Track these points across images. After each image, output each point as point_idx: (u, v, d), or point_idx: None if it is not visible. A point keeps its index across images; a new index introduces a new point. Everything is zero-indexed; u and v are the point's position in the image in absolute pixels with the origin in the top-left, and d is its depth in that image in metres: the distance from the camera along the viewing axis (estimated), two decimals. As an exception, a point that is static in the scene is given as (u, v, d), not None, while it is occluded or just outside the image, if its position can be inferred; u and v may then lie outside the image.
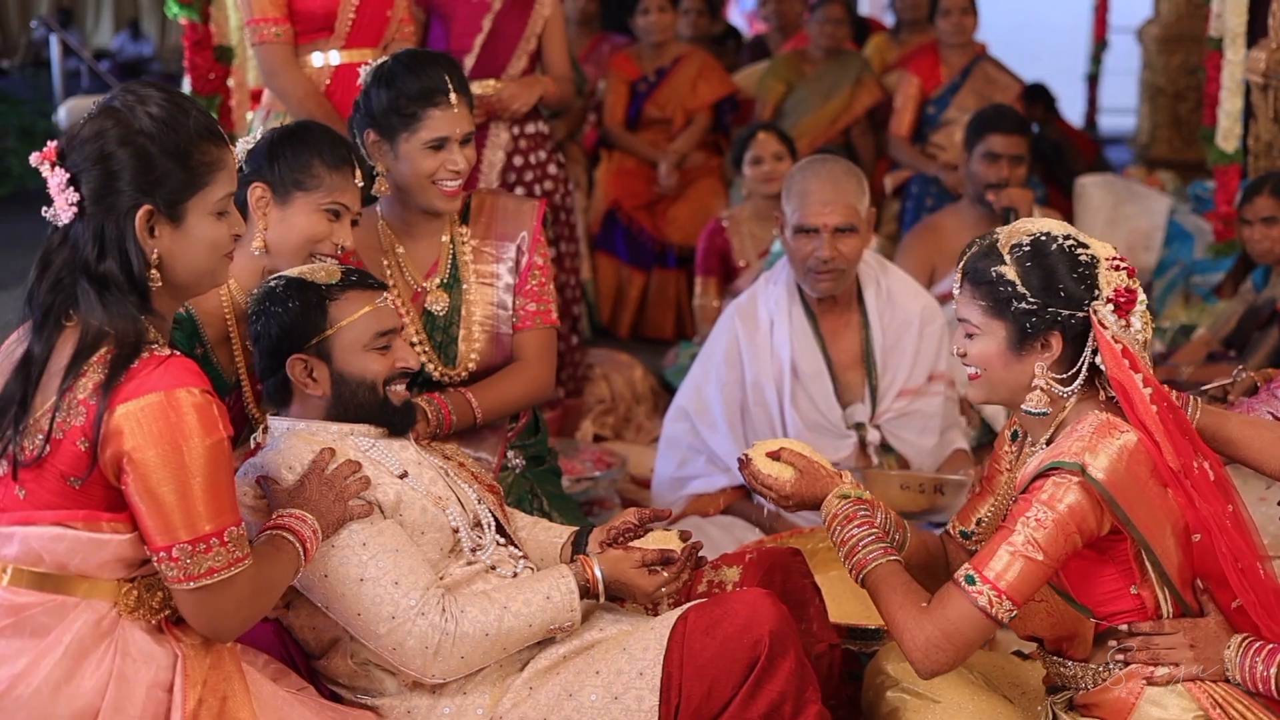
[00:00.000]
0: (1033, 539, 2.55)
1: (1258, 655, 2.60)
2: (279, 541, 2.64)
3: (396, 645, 2.74)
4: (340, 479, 2.78)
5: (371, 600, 2.74)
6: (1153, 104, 10.32)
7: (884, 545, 2.75)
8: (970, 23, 7.23)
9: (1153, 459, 2.59)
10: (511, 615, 2.80)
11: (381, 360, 2.93)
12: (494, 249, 3.69)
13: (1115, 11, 11.81)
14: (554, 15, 5.41)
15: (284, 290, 2.92)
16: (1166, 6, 10.41)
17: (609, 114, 7.37)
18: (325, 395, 2.91)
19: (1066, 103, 10.95)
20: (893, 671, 2.91)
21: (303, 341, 2.89)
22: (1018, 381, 2.70)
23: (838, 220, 4.05)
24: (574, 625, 2.86)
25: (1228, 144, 6.29)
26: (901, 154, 7.18)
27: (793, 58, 7.66)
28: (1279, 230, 5.15)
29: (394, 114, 3.48)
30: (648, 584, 2.93)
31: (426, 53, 3.68)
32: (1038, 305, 2.64)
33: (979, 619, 2.57)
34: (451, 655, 2.76)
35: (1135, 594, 2.65)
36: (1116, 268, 2.66)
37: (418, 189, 3.52)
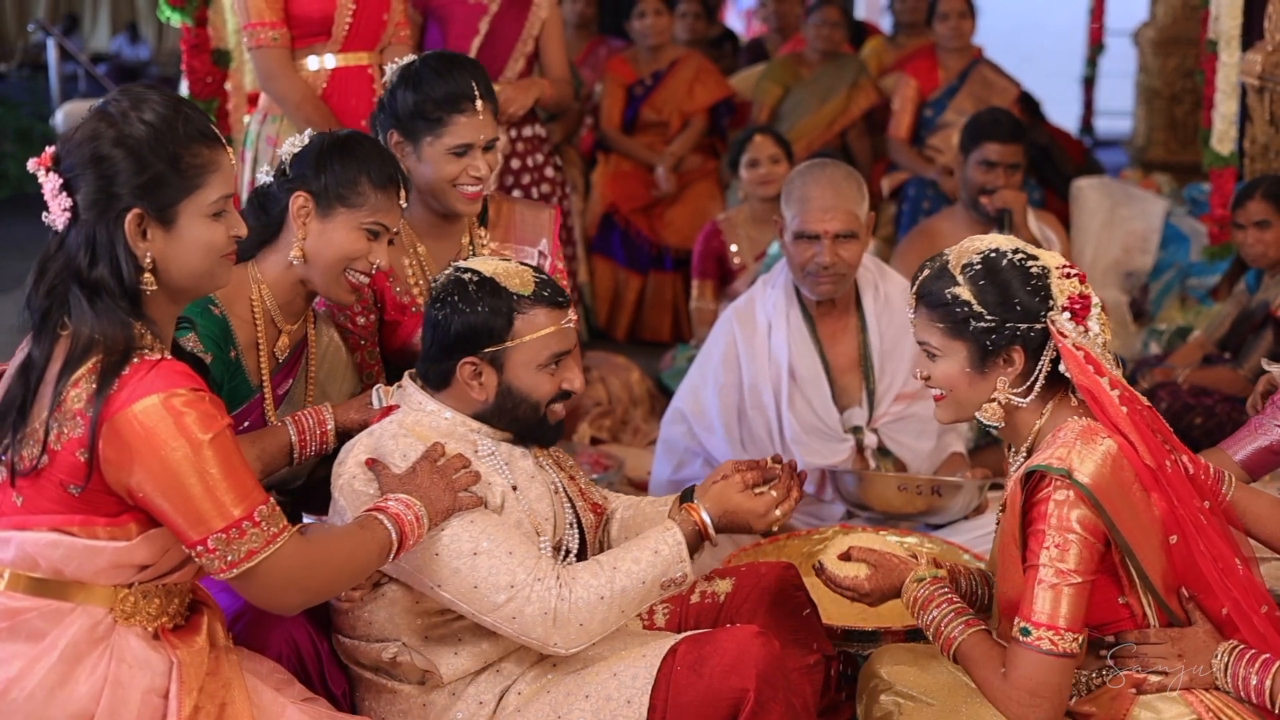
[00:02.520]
0: (1061, 569, 2.56)
1: (1250, 665, 2.61)
2: (368, 521, 2.64)
3: (516, 614, 2.72)
4: (451, 470, 2.77)
5: (488, 571, 2.72)
6: (1149, 107, 10.33)
7: (965, 619, 2.76)
8: (968, 26, 7.24)
9: (1134, 464, 2.61)
10: (623, 575, 2.77)
11: (551, 380, 2.91)
12: (513, 254, 3.68)
13: (1111, 14, 11.83)
14: (551, 18, 5.41)
15: (475, 289, 2.87)
16: (1162, 9, 10.42)
17: (606, 117, 7.37)
18: (486, 401, 2.89)
19: (1063, 105, 10.99)
20: (886, 675, 2.91)
21: (480, 346, 2.86)
22: (983, 398, 2.73)
23: (839, 227, 4.06)
24: (686, 576, 2.83)
25: (1222, 146, 6.29)
26: (901, 156, 7.19)
27: (789, 60, 7.66)
28: (1272, 234, 5.16)
29: (419, 117, 3.46)
30: (758, 504, 2.91)
31: (454, 55, 3.65)
32: (995, 322, 2.67)
33: (1052, 662, 2.58)
34: (570, 623, 2.73)
35: (1123, 603, 2.67)
36: (1068, 275, 2.68)
37: (438, 191, 3.51)
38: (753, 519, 2.91)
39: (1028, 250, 2.71)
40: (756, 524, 2.92)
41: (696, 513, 2.89)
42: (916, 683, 2.87)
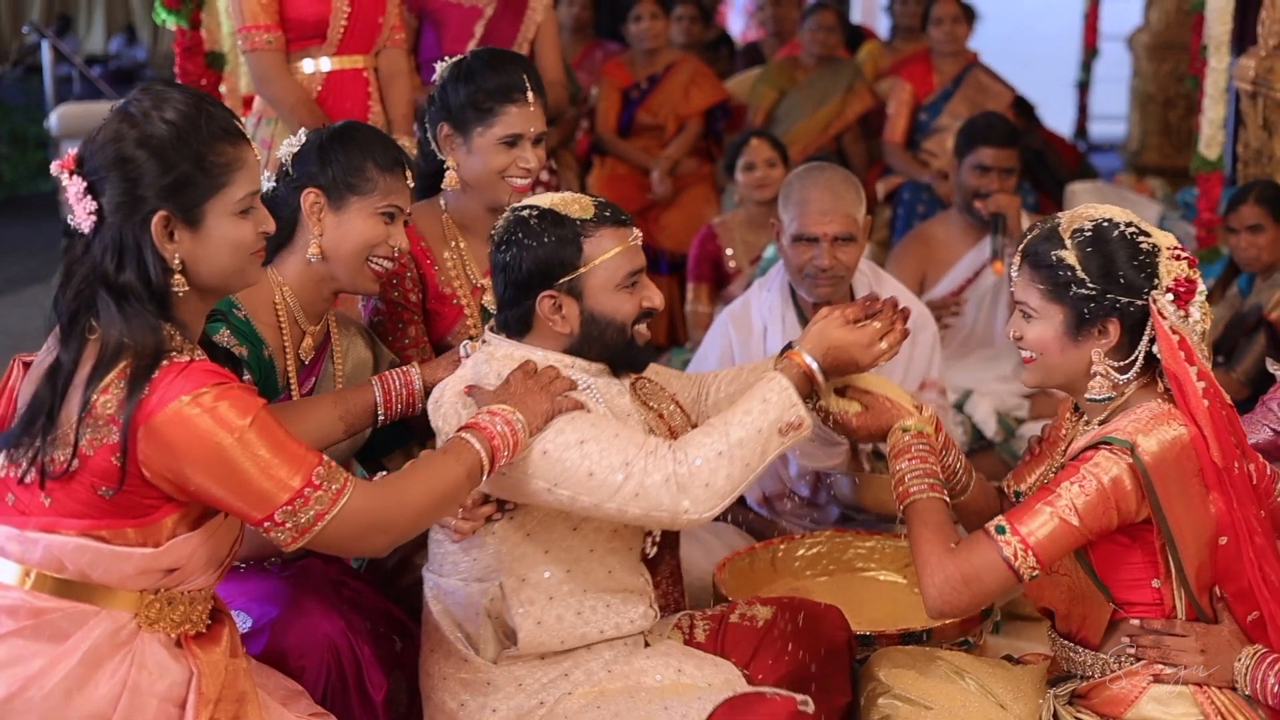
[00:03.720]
0: (1073, 504, 2.57)
1: (1271, 668, 2.61)
2: (453, 445, 2.62)
3: (637, 489, 2.69)
4: (546, 378, 2.76)
5: (600, 454, 2.69)
6: (1143, 111, 10.35)
7: (930, 481, 2.77)
8: (962, 31, 7.26)
9: (1200, 460, 2.60)
10: (736, 427, 2.74)
11: (631, 300, 2.88)
12: None
13: (1106, 19, 11.85)
14: (546, 21, 5.42)
15: (538, 222, 2.84)
16: (1156, 14, 10.45)
17: (601, 121, 7.38)
18: (573, 333, 2.86)
19: (1058, 110, 11.00)
20: (884, 678, 2.91)
21: (555, 277, 2.83)
22: (1073, 367, 2.71)
23: (837, 229, 4.06)
24: (803, 420, 2.77)
25: (1210, 151, 6.30)
26: (896, 160, 7.20)
27: (785, 64, 7.68)
28: (1265, 238, 5.17)
29: (471, 108, 3.45)
30: (861, 335, 2.87)
31: (506, 51, 3.67)
32: (1096, 291, 2.65)
33: (1001, 569, 2.60)
34: (694, 484, 2.70)
35: (1156, 588, 2.67)
36: (1177, 257, 2.66)
37: (487, 184, 3.50)
38: (857, 351, 2.87)
39: (1141, 226, 2.70)
40: (863, 356, 2.87)
41: (798, 357, 2.84)
42: (915, 685, 2.87)
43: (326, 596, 3.08)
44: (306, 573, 3.15)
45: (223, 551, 2.56)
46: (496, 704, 2.84)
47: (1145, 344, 2.66)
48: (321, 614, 3.00)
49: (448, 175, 3.52)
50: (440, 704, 2.90)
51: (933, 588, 2.64)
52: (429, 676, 2.93)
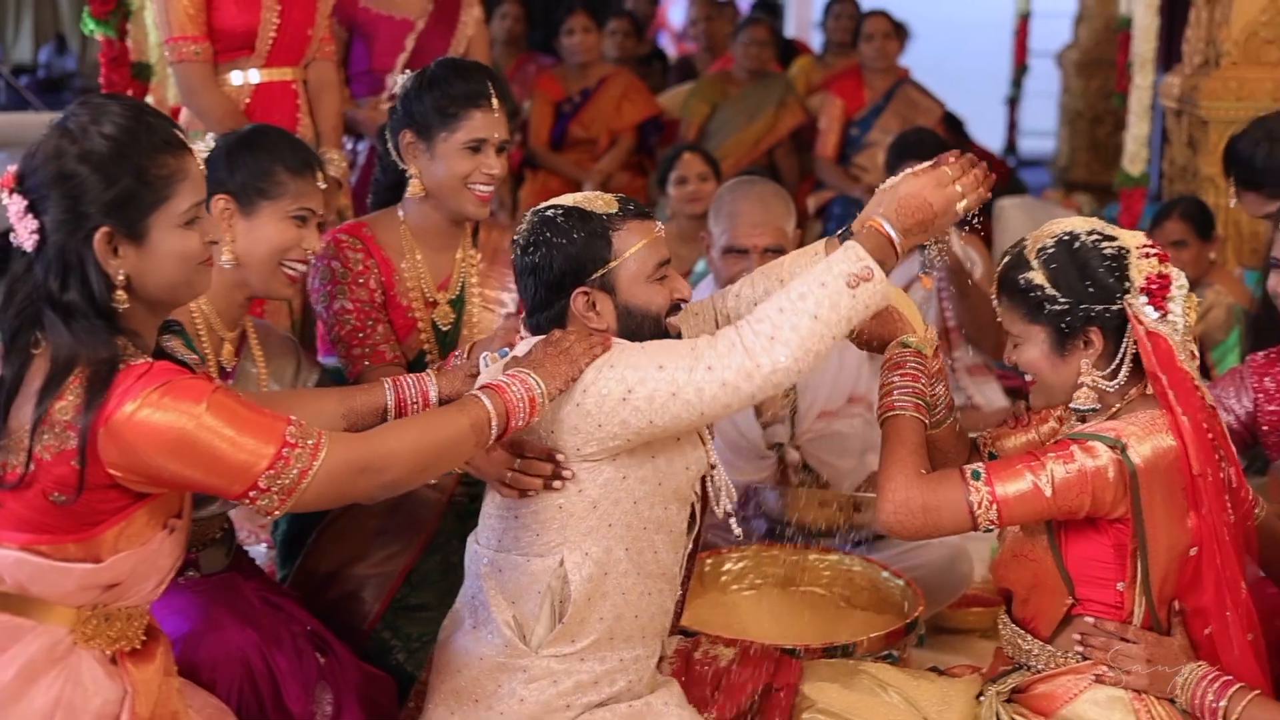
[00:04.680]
0: (1052, 475, 2.59)
1: (1211, 685, 2.62)
2: (463, 401, 2.59)
3: (709, 365, 2.62)
4: (571, 342, 2.71)
5: (670, 355, 2.66)
6: (1071, 127, 10.47)
7: (916, 401, 2.78)
8: (893, 47, 7.32)
9: (1184, 472, 2.62)
10: (797, 286, 2.63)
11: (662, 291, 2.83)
12: (499, 277, 3.68)
13: (1036, 37, 11.96)
14: (478, 35, 5.42)
15: (565, 220, 2.80)
16: (1085, 32, 10.57)
17: (534, 134, 7.38)
18: (610, 328, 2.81)
19: (988, 125, 11.08)
20: (809, 693, 2.91)
21: (587, 273, 2.79)
22: (1069, 382, 2.72)
23: (767, 241, 4.08)
24: (872, 273, 2.62)
25: (1133, 167, 6.37)
26: (827, 175, 7.24)
27: (717, 79, 7.71)
28: (1188, 254, 5.23)
29: (436, 113, 3.43)
30: (930, 177, 2.71)
31: (470, 60, 3.68)
32: (1070, 304, 2.66)
33: (962, 511, 2.62)
34: (761, 341, 2.61)
35: (1119, 591, 2.68)
36: (1147, 255, 2.67)
37: (450, 191, 3.48)
38: (929, 192, 2.71)
39: (1105, 231, 2.69)
40: (936, 197, 2.71)
41: (870, 221, 2.72)
42: (839, 700, 2.87)
43: (242, 610, 3.04)
44: (222, 586, 3.11)
45: (164, 567, 2.53)
46: (526, 694, 2.81)
47: (1129, 347, 2.67)
48: (234, 627, 2.97)
49: (410, 183, 3.50)
50: (472, 681, 2.84)
51: (890, 504, 2.66)
52: (465, 653, 2.87)
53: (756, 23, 7.65)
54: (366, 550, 3.56)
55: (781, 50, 8.57)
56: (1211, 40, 6.54)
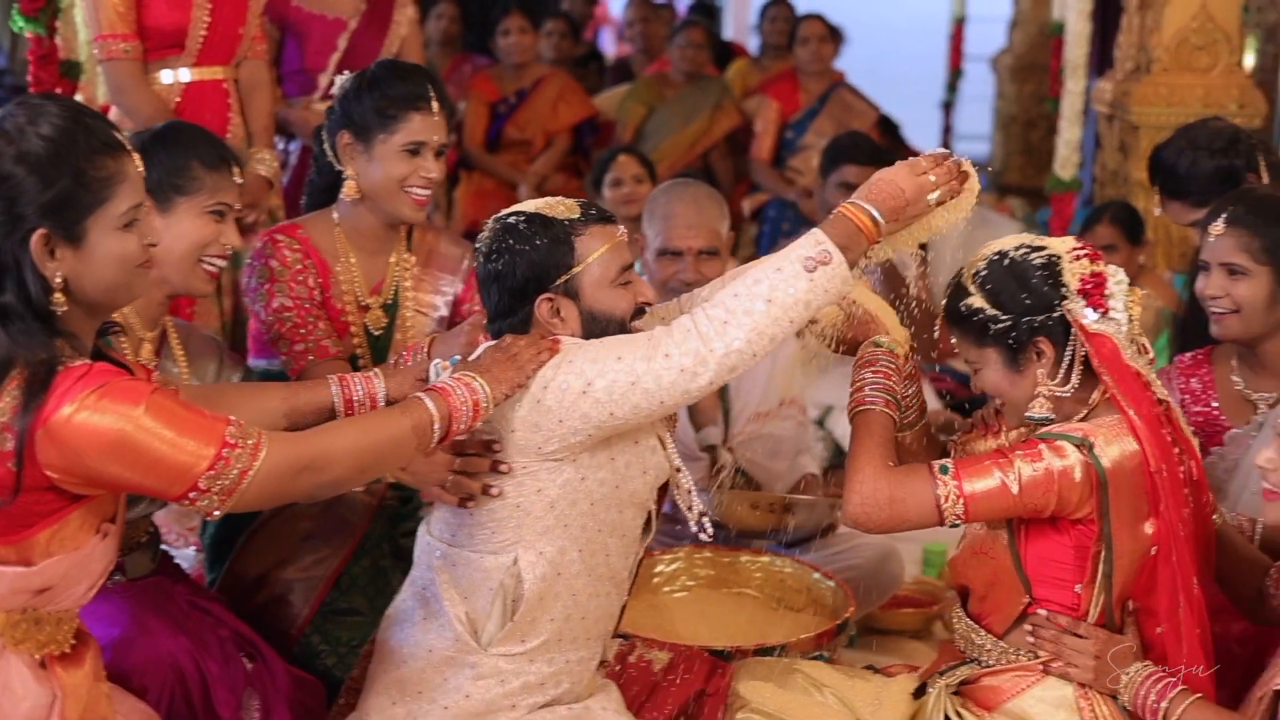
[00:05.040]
0: (1019, 473, 2.61)
1: (1154, 685, 2.65)
2: (406, 402, 2.58)
3: (666, 352, 2.63)
4: (520, 348, 2.70)
5: (631, 347, 2.66)
6: (1006, 132, 10.55)
7: (887, 397, 2.80)
8: (828, 51, 7.35)
9: (1145, 474, 2.65)
10: (752, 271, 2.67)
11: (626, 296, 2.82)
12: (433, 281, 3.67)
13: (971, 41, 12.03)
14: (411, 35, 5.40)
15: (528, 226, 2.78)
16: (1020, 37, 10.66)
17: (469, 135, 7.36)
18: (574, 334, 2.79)
19: (923, 129, 11.13)
20: (743, 692, 2.91)
21: (551, 279, 2.77)
22: (1031, 395, 2.74)
23: (701, 243, 4.09)
24: (830, 256, 2.63)
25: (1065, 172, 6.43)
26: (763, 178, 7.26)
27: (653, 81, 7.72)
28: (1118, 258, 5.27)
29: (374, 115, 3.41)
30: (905, 165, 2.74)
31: (411, 63, 3.66)
32: (1012, 320, 2.68)
33: (929, 505, 2.64)
34: (714, 324, 2.63)
35: (1076, 592, 2.71)
36: (1078, 257, 2.70)
37: (387, 194, 3.45)
38: (903, 179, 2.71)
39: (1034, 242, 2.74)
40: (909, 184, 2.71)
41: (850, 211, 2.70)
42: (773, 700, 2.88)
43: (170, 614, 3.02)
44: (150, 590, 3.09)
45: (96, 571, 2.49)
46: (473, 690, 2.80)
47: (1076, 352, 2.70)
48: (165, 633, 2.94)
49: (346, 185, 3.47)
50: (417, 673, 2.84)
51: (857, 495, 2.67)
52: (414, 644, 2.86)
53: (693, 25, 7.68)
54: (295, 554, 3.53)
55: (718, 53, 8.59)
56: (1143, 46, 6.62)
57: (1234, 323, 3.24)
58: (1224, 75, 6.46)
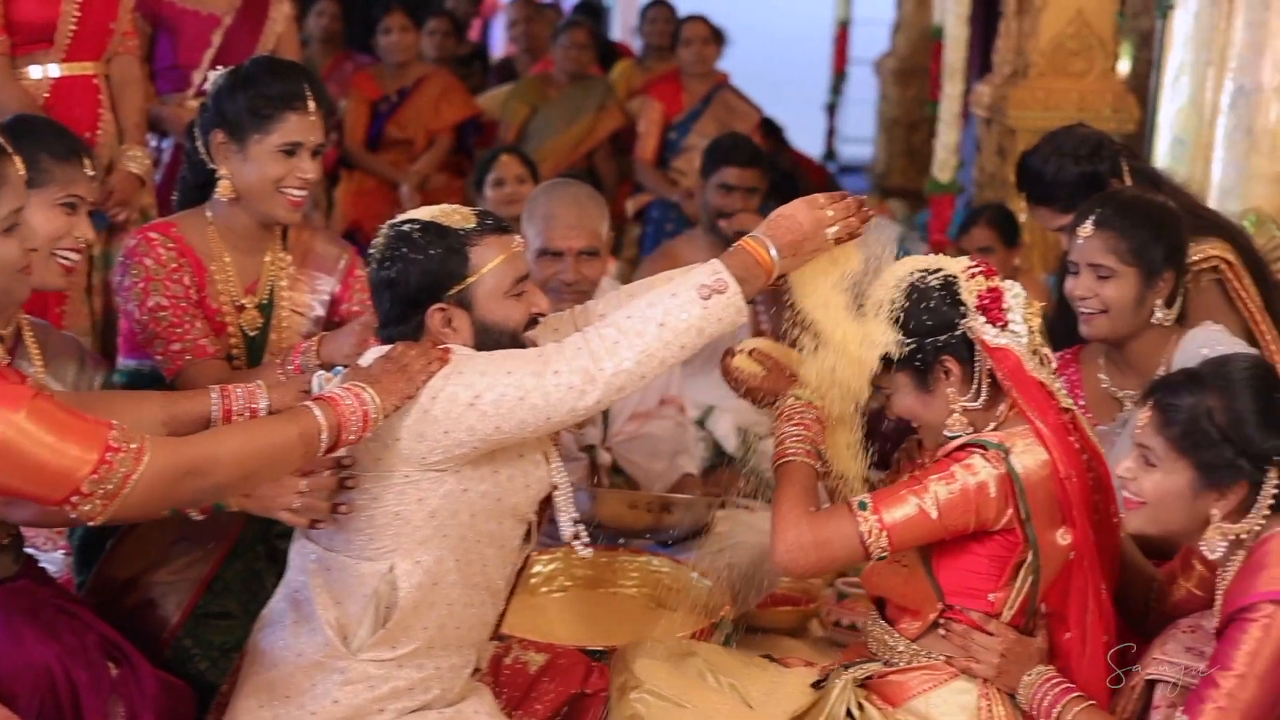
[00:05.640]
0: (936, 497, 2.65)
1: (1051, 688, 2.70)
2: (294, 411, 2.56)
3: (556, 369, 2.64)
4: (410, 358, 2.67)
5: (523, 363, 2.66)
6: (889, 134, 10.65)
7: (807, 448, 2.82)
8: (711, 52, 7.38)
9: (1055, 481, 2.69)
10: (648, 295, 2.70)
11: (519, 307, 2.81)
12: (309, 281, 3.62)
13: (855, 44, 12.15)
14: (287, 32, 5.34)
15: (422, 235, 2.75)
16: (902, 40, 10.77)
17: (350, 134, 7.30)
18: (466, 344, 2.77)
19: (809, 132, 11.22)
20: (639, 671, 2.91)
21: (444, 289, 2.75)
22: (945, 414, 2.80)
23: (582, 244, 4.09)
24: (726, 285, 2.66)
25: (943, 175, 6.51)
26: (646, 178, 7.27)
27: (537, 81, 7.71)
28: (994, 260, 5.31)
29: (249, 115, 3.35)
30: (807, 201, 2.77)
31: (287, 60, 3.62)
32: (916, 342, 2.74)
33: (853, 542, 2.67)
34: (605, 343, 2.64)
35: (991, 600, 2.75)
36: (973, 275, 2.76)
37: (261, 195, 3.39)
38: (800, 213, 2.76)
39: (930, 265, 2.79)
40: (805, 217, 2.76)
41: (748, 244, 2.75)
42: (668, 682, 2.88)
43: (40, 620, 2.96)
44: (18, 595, 3.02)
45: None
46: (341, 696, 2.78)
47: (981, 369, 2.76)
48: (35, 640, 2.88)
49: (220, 184, 3.42)
50: (286, 676, 2.81)
51: (783, 544, 2.70)
52: (283, 647, 2.83)
53: (576, 26, 7.67)
54: (167, 556, 3.47)
55: (603, 53, 8.59)
56: (1020, 51, 6.72)
57: (1103, 323, 3.31)
58: (1099, 80, 6.57)
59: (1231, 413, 2.58)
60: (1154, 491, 2.64)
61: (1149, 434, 2.64)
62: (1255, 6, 5.15)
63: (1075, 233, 3.32)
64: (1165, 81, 5.70)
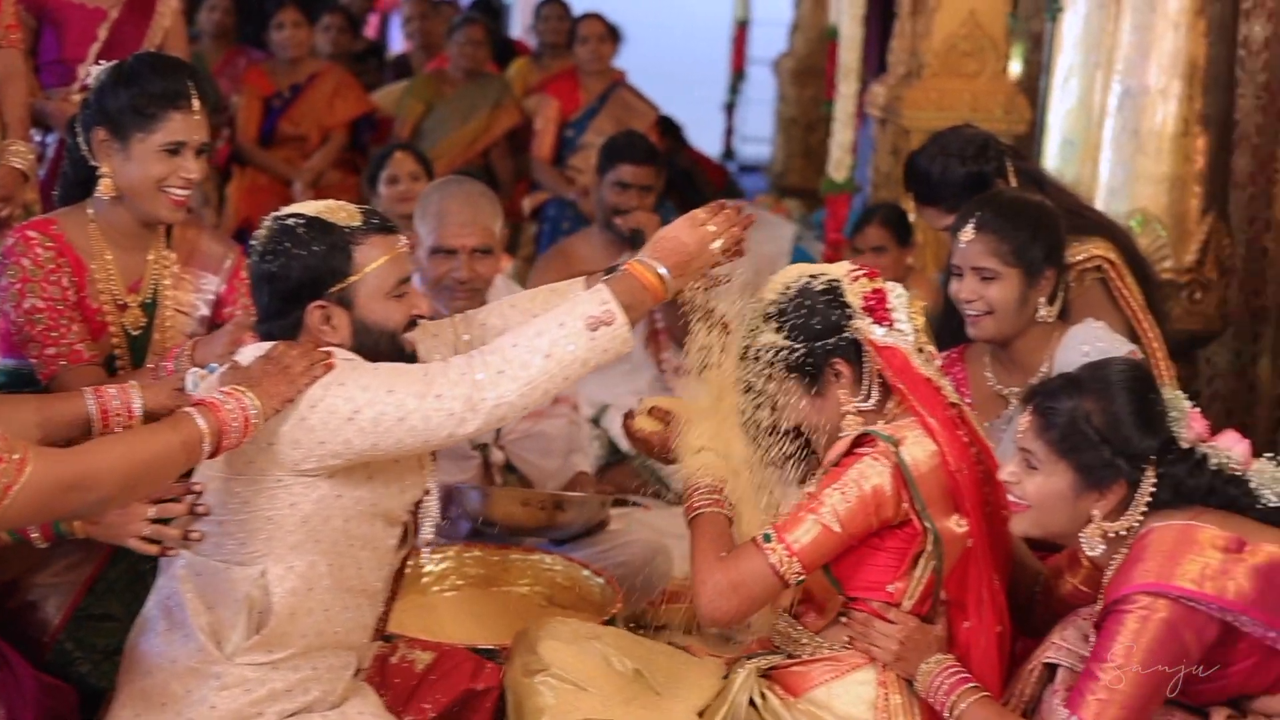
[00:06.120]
0: (835, 510, 2.68)
1: (948, 677, 2.73)
2: (175, 418, 2.51)
3: (439, 393, 2.63)
4: (292, 360, 2.63)
5: (406, 383, 2.64)
6: (786, 134, 10.71)
7: (714, 496, 2.83)
8: (607, 50, 7.39)
9: (945, 472, 2.73)
10: (535, 322, 2.70)
11: (400, 309, 2.78)
12: (194, 279, 3.57)
13: (755, 44, 12.21)
14: (175, 26, 5.26)
15: (306, 231, 2.72)
16: (800, 41, 10.83)
17: (242, 130, 7.24)
18: (344, 343, 2.74)
19: (708, 131, 11.25)
20: (544, 654, 2.90)
21: (325, 287, 2.72)
22: (834, 419, 2.84)
23: (475, 241, 4.08)
24: (614, 317, 2.68)
25: (838, 174, 6.56)
26: (543, 176, 7.27)
27: (432, 78, 7.67)
28: (887, 259, 5.40)
29: (132, 113, 3.30)
30: (689, 219, 2.80)
31: (171, 57, 3.57)
32: (805, 348, 2.79)
33: (768, 576, 2.69)
34: (489, 373, 2.64)
35: (890, 592, 2.78)
36: (856, 278, 2.82)
37: (144, 194, 3.34)
38: (684, 233, 2.79)
39: (813, 270, 2.85)
40: (691, 238, 2.79)
41: (634, 265, 2.77)
42: (573, 666, 2.88)
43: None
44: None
45: None
46: (217, 701, 2.74)
47: (870, 368, 2.81)
48: None
49: (101, 182, 3.36)
50: (161, 684, 2.77)
51: (703, 595, 2.72)
52: (156, 655, 2.79)
53: (471, 22, 7.64)
54: (47, 558, 3.40)
55: (499, 51, 8.55)
56: (914, 51, 6.78)
57: (989, 324, 3.36)
58: (991, 81, 6.64)
59: (1109, 414, 2.63)
60: (1036, 494, 2.68)
61: (1029, 438, 2.69)
62: (1141, 9, 5.23)
63: (957, 237, 3.37)
64: (1055, 83, 5.77)
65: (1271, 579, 2.55)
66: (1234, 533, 2.59)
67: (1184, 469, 2.65)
